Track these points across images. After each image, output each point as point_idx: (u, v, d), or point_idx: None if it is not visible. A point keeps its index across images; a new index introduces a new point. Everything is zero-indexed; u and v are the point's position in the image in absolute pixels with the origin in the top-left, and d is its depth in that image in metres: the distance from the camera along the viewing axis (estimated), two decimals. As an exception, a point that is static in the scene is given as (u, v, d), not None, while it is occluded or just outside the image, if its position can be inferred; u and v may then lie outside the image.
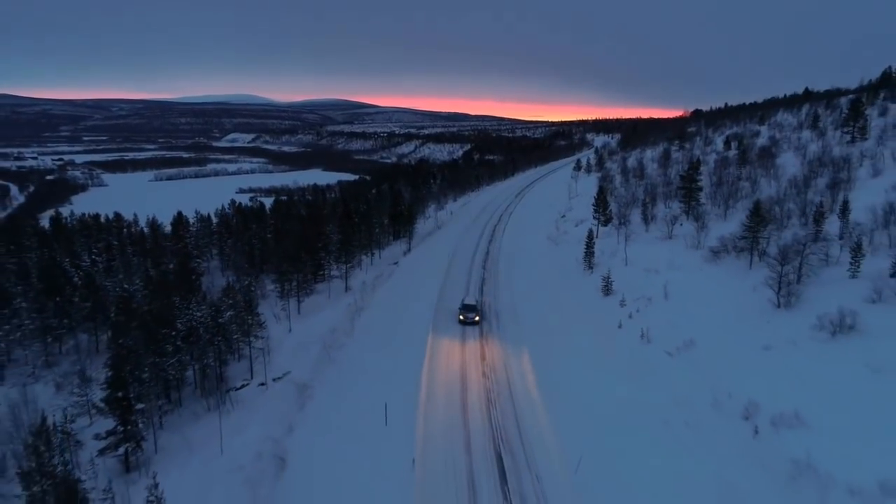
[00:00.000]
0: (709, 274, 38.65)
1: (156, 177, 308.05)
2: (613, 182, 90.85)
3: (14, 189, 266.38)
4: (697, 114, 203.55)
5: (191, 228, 76.65)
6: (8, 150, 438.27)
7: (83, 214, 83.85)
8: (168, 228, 78.02)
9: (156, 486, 19.75)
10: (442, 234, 77.22)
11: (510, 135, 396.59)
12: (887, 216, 38.48)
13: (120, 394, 28.41)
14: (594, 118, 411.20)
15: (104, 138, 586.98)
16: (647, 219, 56.23)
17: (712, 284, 36.54)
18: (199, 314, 38.31)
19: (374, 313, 44.64)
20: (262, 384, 36.45)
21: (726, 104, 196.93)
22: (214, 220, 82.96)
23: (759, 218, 37.81)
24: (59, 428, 26.98)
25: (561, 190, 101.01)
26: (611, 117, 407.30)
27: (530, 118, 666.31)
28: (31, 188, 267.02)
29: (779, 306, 30.99)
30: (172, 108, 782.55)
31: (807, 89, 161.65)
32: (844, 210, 39.39)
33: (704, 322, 31.99)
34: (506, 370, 33.11)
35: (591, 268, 47.93)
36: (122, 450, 28.86)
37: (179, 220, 73.81)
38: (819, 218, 39.64)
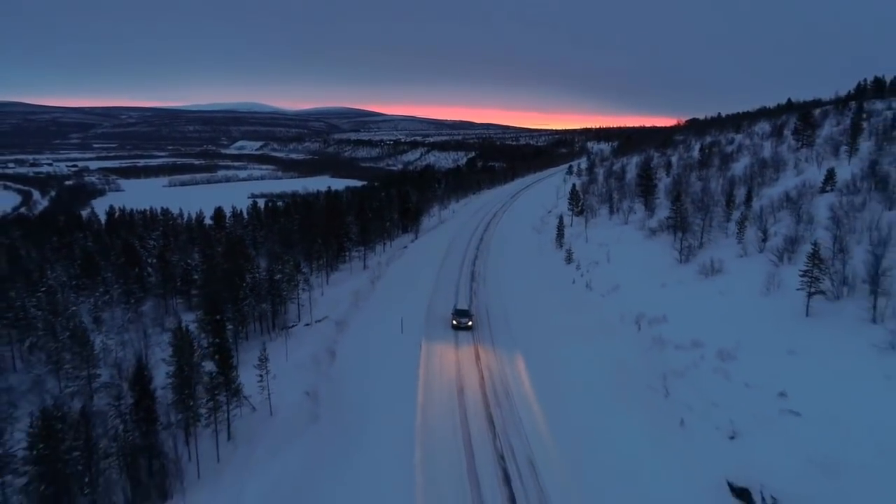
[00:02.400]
0: (643, 245, 52.00)
1: (170, 182, 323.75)
2: (597, 183, 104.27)
3: (36, 194, 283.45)
4: (691, 123, 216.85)
5: (226, 221, 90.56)
6: (23, 157, 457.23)
7: (132, 210, 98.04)
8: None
9: (264, 349, 33.07)
10: (444, 227, 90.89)
11: (514, 143, 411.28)
12: (780, 202, 51.72)
13: (217, 317, 41.77)
14: (598, 126, 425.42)
15: (114, 145, 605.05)
16: (612, 210, 69.57)
17: (642, 251, 49.90)
18: (257, 276, 51.96)
19: (389, 279, 58.23)
20: (307, 324, 49.84)
21: (719, 113, 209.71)
22: (245, 215, 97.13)
23: (679, 204, 51.02)
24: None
25: (552, 191, 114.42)
26: (614, 126, 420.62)
27: (535, 126, 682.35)
28: (53, 193, 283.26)
29: (680, 262, 44.29)
30: (180, 115, 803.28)
31: (789, 100, 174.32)
32: (748, 199, 52.66)
33: (629, 275, 45.27)
34: (487, 313, 46.31)
35: (560, 246, 61.26)
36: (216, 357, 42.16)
37: (219, 213, 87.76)
38: (730, 204, 52.87)
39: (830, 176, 54.95)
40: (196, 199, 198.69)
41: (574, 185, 77.50)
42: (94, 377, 40.59)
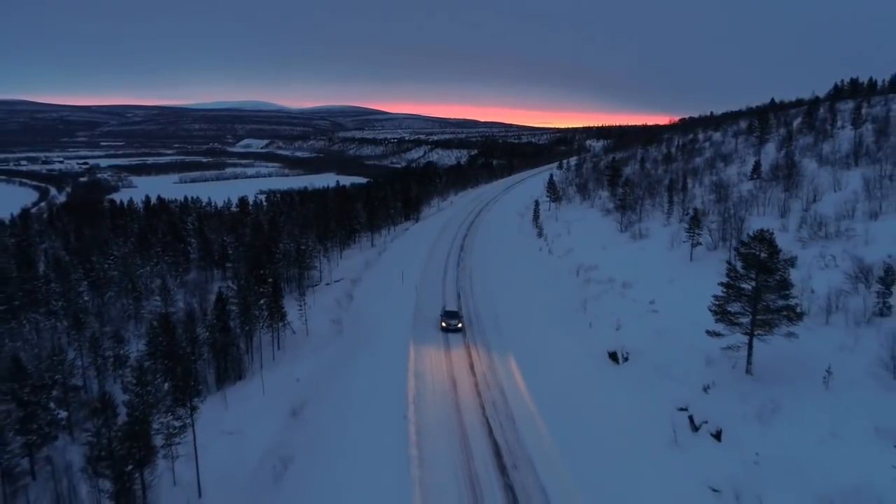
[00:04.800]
0: (599, 222, 65.33)
1: (180, 179, 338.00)
2: (581, 176, 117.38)
3: (53, 190, 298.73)
4: (682, 122, 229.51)
5: (250, 208, 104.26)
6: (34, 155, 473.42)
7: (165, 199, 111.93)
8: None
9: (303, 289, 46.36)
10: (442, 213, 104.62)
11: (516, 141, 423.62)
12: (712, 187, 64.71)
13: (262, 271, 55.13)
14: (599, 125, 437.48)
15: (121, 143, 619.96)
16: (583, 196, 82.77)
17: (596, 225, 63.26)
18: (288, 245, 65.42)
19: (393, 251, 71.90)
20: (328, 283, 63.27)
21: (711, 112, 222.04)
22: (265, 204, 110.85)
23: (626, 190, 64.16)
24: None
25: (542, 184, 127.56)
26: (615, 124, 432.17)
27: (538, 125, 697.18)
28: (69, 189, 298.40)
29: (620, 231, 57.52)
30: (186, 114, 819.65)
31: (772, 100, 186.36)
32: (684, 185, 65.71)
33: (582, 241, 58.60)
34: (470, 273, 59.60)
35: (536, 225, 74.52)
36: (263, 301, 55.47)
37: (244, 201, 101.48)
38: (672, 189, 65.87)
39: (756, 167, 67.94)
40: (208, 195, 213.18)
41: (552, 177, 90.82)
42: (171, 314, 54.00)
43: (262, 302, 47.33)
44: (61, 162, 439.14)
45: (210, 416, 33.14)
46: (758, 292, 25.67)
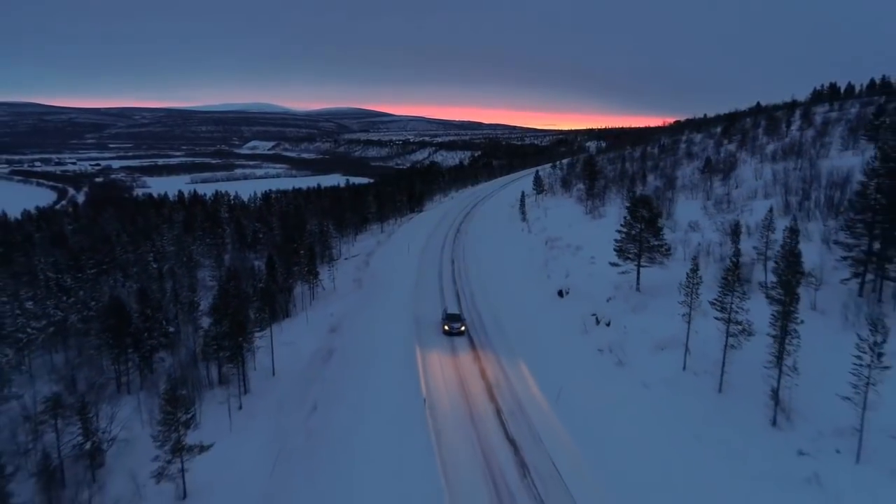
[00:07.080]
0: (572, 207, 79.69)
1: (192, 179, 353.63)
2: (571, 172, 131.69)
3: (71, 190, 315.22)
4: (673, 125, 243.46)
5: (273, 201, 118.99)
6: (47, 156, 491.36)
7: (196, 193, 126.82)
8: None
9: (331, 258, 60.79)
10: (443, 206, 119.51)
11: (519, 142, 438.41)
12: (665, 179, 78.93)
13: (294, 244, 69.64)
14: (602, 127, 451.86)
15: (129, 145, 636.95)
16: (565, 189, 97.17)
17: (569, 210, 77.59)
18: (312, 228, 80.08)
19: (399, 234, 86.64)
20: (346, 259, 77.79)
21: (705, 115, 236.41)
22: (283, 200, 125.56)
23: (592, 181, 78.44)
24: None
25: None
26: (616, 126, 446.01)
27: (542, 126, 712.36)
28: (86, 189, 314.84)
29: (586, 213, 71.81)
30: (193, 116, 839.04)
31: (758, 103, 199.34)
32: (644, 177, 79.97)
33: (557, 222, 72.96)
34: (463, 248, 73.95)
35: (521, 212, 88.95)
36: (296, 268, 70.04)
37: (267, 195, 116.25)
38: (633, 180, 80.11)
39: (707, 162, 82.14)
40: (235, 191, 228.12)
41: (538, 173, 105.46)
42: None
43: (295, 269, 61.78)
44: (74, 163, 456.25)
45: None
46: (641, 235, 39.91)
